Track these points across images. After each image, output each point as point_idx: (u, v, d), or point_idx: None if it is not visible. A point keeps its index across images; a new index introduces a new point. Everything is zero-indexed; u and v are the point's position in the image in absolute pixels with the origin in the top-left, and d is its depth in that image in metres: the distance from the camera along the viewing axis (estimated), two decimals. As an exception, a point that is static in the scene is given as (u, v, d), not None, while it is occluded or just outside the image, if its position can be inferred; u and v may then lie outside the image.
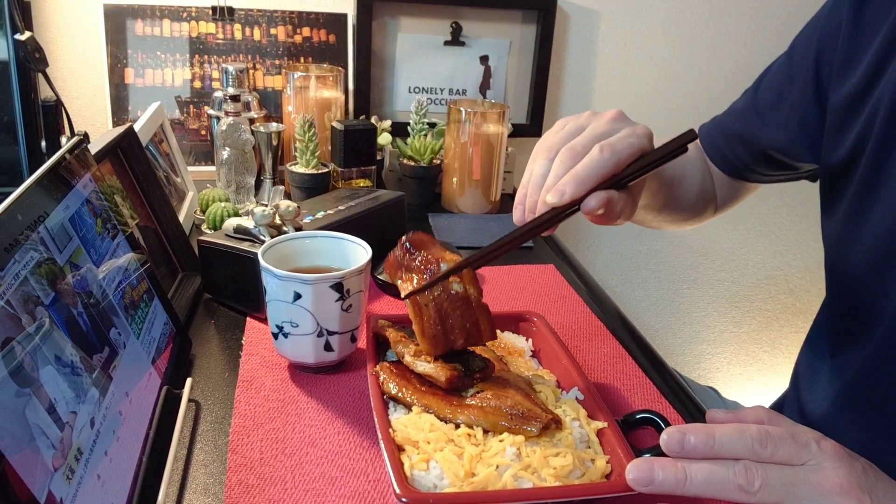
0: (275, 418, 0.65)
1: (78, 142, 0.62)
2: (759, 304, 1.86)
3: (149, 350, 0.63)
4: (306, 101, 1.22)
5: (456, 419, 0.59)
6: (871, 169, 0.66)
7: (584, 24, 1.52)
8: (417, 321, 0.62)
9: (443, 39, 1.44)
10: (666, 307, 1.82)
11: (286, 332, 0.69)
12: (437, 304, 0.62)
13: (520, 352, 0.73)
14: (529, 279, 0.98)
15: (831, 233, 0.73)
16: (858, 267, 0.68)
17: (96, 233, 0.60)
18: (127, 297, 0.62)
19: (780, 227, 1.78)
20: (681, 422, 0.68)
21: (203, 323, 0.82)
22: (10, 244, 0.46)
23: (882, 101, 0.65)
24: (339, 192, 1.02)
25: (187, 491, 0.56)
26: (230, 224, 0.83)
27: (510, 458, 0.55)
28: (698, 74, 1.61)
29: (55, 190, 0.55)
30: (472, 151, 1.21)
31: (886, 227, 0.64)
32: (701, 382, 1.04)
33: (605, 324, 0.86)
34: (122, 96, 1.29)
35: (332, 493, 0.56)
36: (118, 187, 0.74)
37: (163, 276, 0.84)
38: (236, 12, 1.32)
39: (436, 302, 0.62)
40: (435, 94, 1.47)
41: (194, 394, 0.68)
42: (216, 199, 1.07)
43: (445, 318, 0.62)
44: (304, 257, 0.74)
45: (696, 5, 1.55)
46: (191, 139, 1.33)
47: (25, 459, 0.40)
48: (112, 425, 0.51)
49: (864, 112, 0.67)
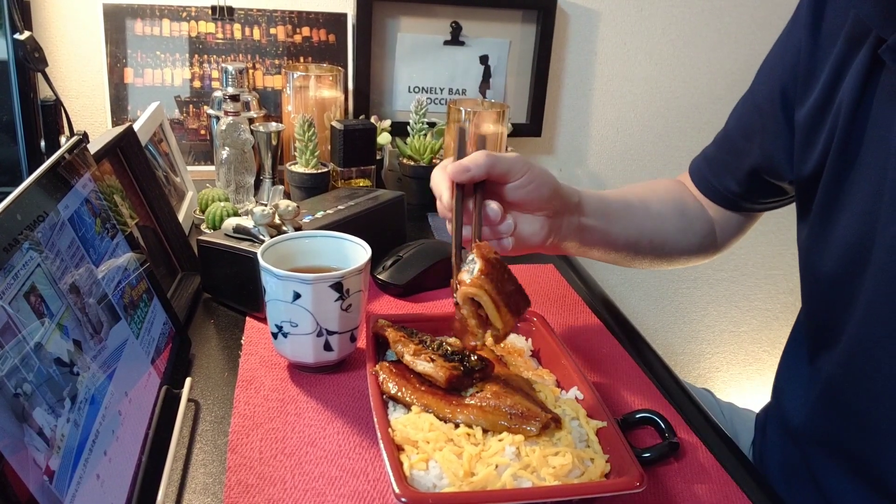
0: (274, 418, 0.65)
1: (77, 141, 0.62)
2: (758, 303, 1.86)
3: (148, 350, 0.63)
4: (306, 100, 1.22)
5: (455, 419, 0.59)
6: (834, 178, 0.67)
7: (584, 24, 1.52)
8: (487, 299, 0.61)
9: (443, 39, 1.44)
10: (665, 307, 1.82)
11: (286, 331, 0.69)
12: (487, 275, 0.61)
13: (519, 352, 0.73)
14: (529, 279, 0.97)
15: (803, 242, 0.74)
16: (828, 275, 0.69)
17: (95, 232, 0.60)
18: (126, 297, 0.62)
19: (780, 227, 1.78)
20: (680, 421, 0.68)
21: (202, 323, 0.82)
22: (10, 244, 0.46)
23: (841, 110, 0.65)
24: (339, 192, 1.02)
25: (187, 491, 0.56)
26: (230, 224, 0.83)
27: (509, 457, 0.55)
28: (698, 74, 1.61)
29: (54, 190, 0.55)
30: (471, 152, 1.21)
31: (851, 234, 0.65)
32: (700, 382, 1.04)
33: (604, 324, 0.86)
34: (121, 96, 1.29)
35: (332, 493, 0.56)
36: (117, 187, 0.74)
37: (162, 275, 0.84)
38: (236, 12, 1.32)
39: (486, 274, 0.61)
40: (435, 94, 1.47)
41: (194, 393, 0.68)
42: (215, 198, 1.07)
43: (503, 283, 0.62)
44: (304, 257, 0.74)
45: (696, 5, 1.55)
46: (190, 139, 1.33)
47: (24, 459, 0.40)
48: (111, 425, 0.51)
49: (827, 123, 0.68)
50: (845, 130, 0.65)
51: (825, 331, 0.71)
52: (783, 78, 0.74)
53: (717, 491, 0.60)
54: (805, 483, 0.75)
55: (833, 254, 0.68)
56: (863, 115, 0.64)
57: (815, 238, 0.71)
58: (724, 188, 0.85)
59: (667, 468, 0.62)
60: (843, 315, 0.67)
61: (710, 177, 0.87)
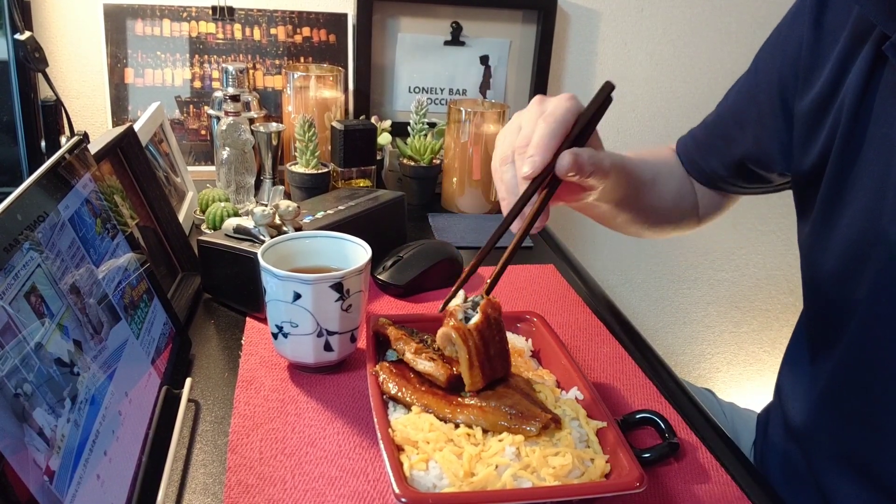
0: (274, 418, 0.65)
1: (77, 142, 0.62)
2: (759, 304, 1.86)
3: (148, 350, 0.63)
4: (306, 101, 1.22)
5: (455, 419, 0.59)
6: (836, 175, 0.67)
7: (584, 24, 1.52)
8: (465, 352, 0.60)
9: (443, 39, 1.44)
10: (666, 307, 1.82)
11: (286, 332, 0.69)
12: (479, 331, 0.60)
13: (520, 352, 0.73)
14: (529, 279, 0.98)
15: (804, 240, 0.74)
16: (830, 273, 0.69)
17: (96, 233, 0.60)
18: (126, 297, 0.62)
19: (780, 227, 1.78)
20: (680, 422, 0.68)
21: (203, 323, 0.82)
22: (10, 244, 0.46)
23: (844, 106, 0.65)
24: (339, 192, 1.02)
25: (187, 491, 0.56)
26: (230, 224, 0.83)
27: (509, 457, 0.55)
28: (698, 74, 1.61)
29: (55, 190, 0.55)
30: (472, 151, 1.21)
31: (853, 232, 0.65)
32: (700, 383, 1.04)
33: (604, 324, 0.86)
34: (121, 96, 1.29)
35: (332, 493, 0.56)
36: (118, 187, 0.74)
37: (162, 275, 0.84)
38: (236, 12, 1.32)
39: (479, 330, 0.60)
40: (435, 94, 1.47)
41: (194, 394, 0.68)
42: (216, 198, 1.07)
43: (488, 345, 0.61)
44: (304, 257, 0.74)
45: (696, 5, 1.55)
46: (191, 139, 1.33)
47: (25, 460, 0.40)
48: (111, 425, 0.51)
49: (829, 118, 0.67)
50: (848, 127, 0.65)
51: (826, 330, 0.71)
52: (783, 70, 0.74)
53: (717, 491, 0.60)
54: (806, 484, 0.75)
55: (834, 251, 0.67)
56: (866, 112, 0.64)
57: (816, 236, 0.70)
58: (710, 170, 0.87)
59: (667, 468, 0.62)
60: (845, 314, 0.67)
61: (697, 158, 0.88)
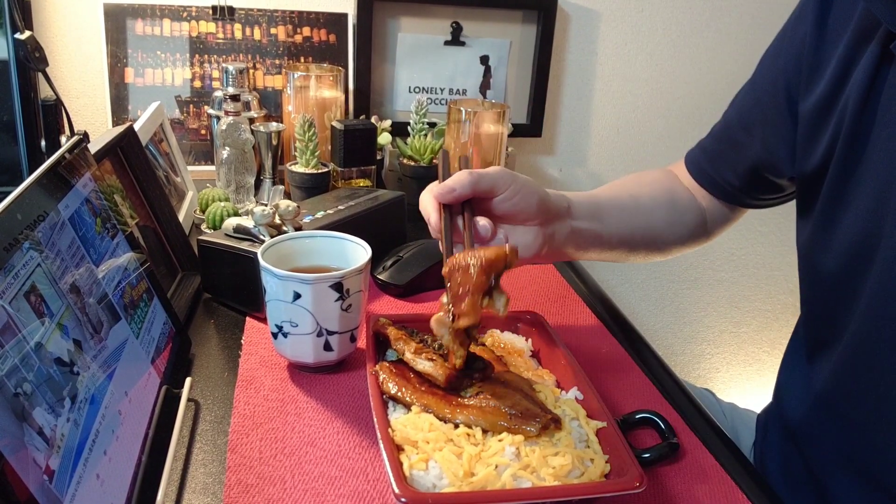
0: (274, 418, 0.65)
1: (78, 141, 0.62)
2: (758, 304, 1.86)
3: (148, 350, 0.63)
4: (306, 100, 1.22)
5: (455, 419, 0.59)
6: (839, 175, 0.66)
7: (584, 24, 1.52)
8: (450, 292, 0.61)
9: (443, 39, 1.44)
10: (666, 307, 1.82)
11: (286, 331, 0.69)
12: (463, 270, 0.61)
13: (519, 352, 0.73)
14: (529, 279, 0.98)
15: (804, 241, 0.74)
16: (830, 274, 0.68)
17: (96, 232, 0.60)
18: (126, 297, 0.62)
19: (780, 227, 1.78)
20: (680, 422, 0.68)
21: (202, 323, 0.82)
22: (10, 244, 0.46)
23: (848, 106, 0.64)
24: (339, 192, 1.02)
25: (186, 490, 0.56)
26: (230, 224, 0.83)
27: (509, 457, 0.55)
28: (698, 74, 1.61)
29: (55, 189, 0.55)
30: (471, 151, 1.21)
31: (856, 233, 0.64)
32: (700, 383, 1.04)
33: (604, 324, 0.86)
34: (121, 96, 1.29)
35: (332, 493, 0.56)
36: (118, 187, 0.74)
37: (162, 275, 0.84)
38: (236, 12, 1.32)
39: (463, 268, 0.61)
40: (435, 94, 1.47)
41: (193, 393, 0.68)
42: (216, 198, 1.07)
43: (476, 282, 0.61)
44: (304, 257, 0.74)
45: (696, 5, 1.55)
46: (191, 139, 1.33)
47: (24, 459, 0.40)
48: (111, 425, 0.51)
49: (833, 119, 0.67)
50: (852, 127, 0.64)
51: (826, 331, 0.71)
52: (786, 70, 0.73)
53: (717, 492, 0.60)
54: (805, 484, 0.75)
55: (835, 252, 0.67)
56: (870, 112, 0.63)
57: (817, 236, 0.70)
58: (723, 181, 0.85)
59: (667, 469, 0.62)
60: (845, 315, 0.67)
61: (708, 169, 0.86)
